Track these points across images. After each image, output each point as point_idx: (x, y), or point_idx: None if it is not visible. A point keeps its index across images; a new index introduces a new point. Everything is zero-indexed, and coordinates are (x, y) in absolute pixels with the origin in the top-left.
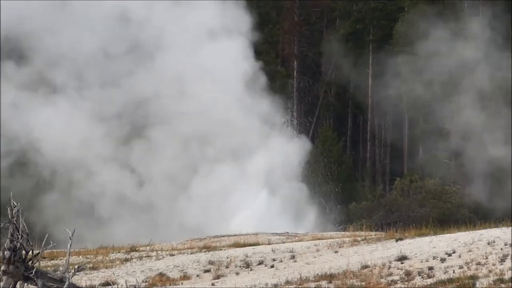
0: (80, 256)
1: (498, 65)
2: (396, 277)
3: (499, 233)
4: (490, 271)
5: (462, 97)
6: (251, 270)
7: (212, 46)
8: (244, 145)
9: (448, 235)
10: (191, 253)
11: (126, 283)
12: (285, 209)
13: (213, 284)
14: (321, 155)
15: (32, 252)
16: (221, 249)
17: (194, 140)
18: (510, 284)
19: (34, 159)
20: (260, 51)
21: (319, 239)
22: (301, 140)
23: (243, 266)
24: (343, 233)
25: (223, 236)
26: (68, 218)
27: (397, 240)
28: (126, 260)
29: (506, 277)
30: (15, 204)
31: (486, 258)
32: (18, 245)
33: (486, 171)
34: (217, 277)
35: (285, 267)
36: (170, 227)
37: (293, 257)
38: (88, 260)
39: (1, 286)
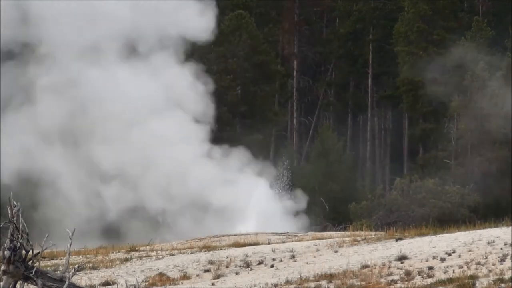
0: (80, 256)
1: None
2: (396, 277)
3: (499, 233)
4: (490, 271)
5: None
6: (251, 269)
7: None
8: None
9: (448, 235)
10: (191, 253)
11: (126, 283)
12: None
13: (213, 284)
14: (320, 155)
15: (32, 252)
16: (221, 249)
17: None
18: (510, 284)
19: None
20: (260, 51)
21: (319, 238)
22: None
23: (243, 266)
24: (343, 232)
25: (223, 235)
26: None
27: (397, 240)
28: (126, 259)
29: (506, 276)
30: (15, 204)
31: (486, 257)
32: (18, 244)
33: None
34: (217, 276)
35: (285, 267)
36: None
37: (293, 256)
38: (88, 259)
39: (1, 286)
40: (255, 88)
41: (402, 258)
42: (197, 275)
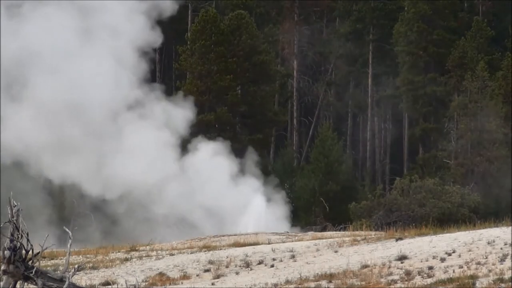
0: (80, 256)
1: None
2: (396, 277)
3: (499, 233)
4: (490, 271)
5: None
6: (251, 269)
7: None
8: None
9: (448, 235)
10: (191, 253)
11: (126, 283)
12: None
13: (213, 284)
14: (320, 154)
15: (32, 252)
16: (221, 249)
17: None
18: (510, 284)
19: None
20: (260, 51)
21: (319, 238)
22: None
23: (243, 266)
24: (343, 232)
25: (223, 235)
26: None
27: (397, 240)
28: (126, 259)
29: (506, 276)
30: (15, 204)
31: (486, 257)
32: (18, 244)
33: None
34: (217, 276)
35: (285, 267)
36: None
37: (293, 256)
38: (88, 259)
39: (1, 286)
40: (255, 88)
41: (402, 258)
42: (197, 275)
